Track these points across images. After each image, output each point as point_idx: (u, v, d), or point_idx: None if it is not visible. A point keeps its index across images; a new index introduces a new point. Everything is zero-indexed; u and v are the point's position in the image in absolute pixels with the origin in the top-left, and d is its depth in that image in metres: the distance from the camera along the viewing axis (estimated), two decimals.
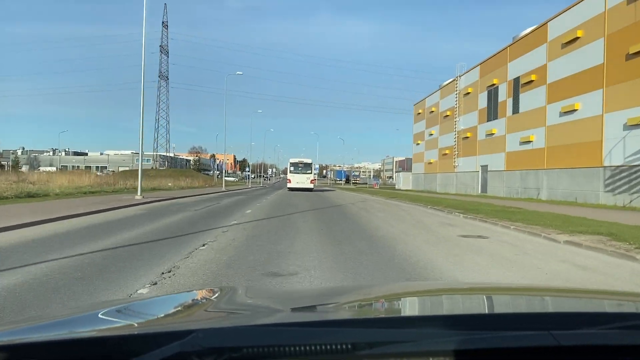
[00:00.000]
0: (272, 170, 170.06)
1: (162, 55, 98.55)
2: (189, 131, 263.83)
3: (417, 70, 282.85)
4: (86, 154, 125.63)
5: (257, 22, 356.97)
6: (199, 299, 1.77)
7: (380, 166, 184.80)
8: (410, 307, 1.56)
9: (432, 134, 51.79)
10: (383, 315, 1.40)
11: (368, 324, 1.11)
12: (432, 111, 51.99)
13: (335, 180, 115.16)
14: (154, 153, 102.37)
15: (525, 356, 0.94)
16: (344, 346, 0.91)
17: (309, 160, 44.24)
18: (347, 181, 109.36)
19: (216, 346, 0.89)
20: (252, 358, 0.90)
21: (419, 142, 57.00)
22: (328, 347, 0.90)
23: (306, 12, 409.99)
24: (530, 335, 0.97)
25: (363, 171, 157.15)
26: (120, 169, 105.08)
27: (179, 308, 1.53)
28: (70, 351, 0.93)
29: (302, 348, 0.90)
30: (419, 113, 57.66)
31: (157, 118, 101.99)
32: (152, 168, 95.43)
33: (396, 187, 68.81)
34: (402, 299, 1.65)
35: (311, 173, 43.44)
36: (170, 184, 51.92)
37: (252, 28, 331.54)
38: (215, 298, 1.62)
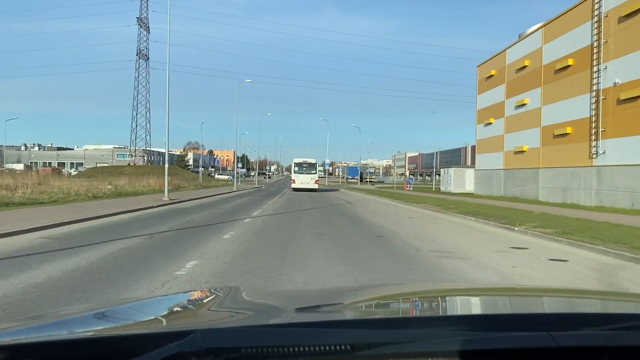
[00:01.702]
0: (274, 167, 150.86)
1: (141, 30, 77.88)
2: (192, 128, 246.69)
3: (421, 69, 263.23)
4: (72, 150, 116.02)
5: (261, 19, 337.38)
6: (200, 298, 1.72)
7: (390, 162, 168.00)
8: (411, 308, 1.53)
9: (524, 104, 31.68)
10: (383, 316, 1.39)
11: (368, 324, 1.11)
12: (524, 66, 31.76)
13: (347, 179, 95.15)
14: (134, 147, 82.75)
15: (525, 357, 0.93)
16: (343, 347, 0.90)
17: (313, 160, 43.70)
18: (361, 179, 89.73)
19: (215, 347, 0.89)
20: (250, 358, 0.89)
21: (491, 120, 36.94)
22: (328, 347, 0.89)
23: (308, 10, 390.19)
24: (529, 336, 0.96)
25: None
26: (99, 164, 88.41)
27: (179, 308, 1.50)
28: (70, 351, 0.92)
29: (301, 349, 0.89)
30: (490, 76, 37.50)
31: (135, 105, 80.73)
32: (129, 164, 77.62)
33: (442, 188, 48.68)
34: (403, 299, 1.63)
35: (315, 173, 43.04)
36: (109, 187, 34.08)
37: (255, 26, 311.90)
38: (215, 298, 1.59)
